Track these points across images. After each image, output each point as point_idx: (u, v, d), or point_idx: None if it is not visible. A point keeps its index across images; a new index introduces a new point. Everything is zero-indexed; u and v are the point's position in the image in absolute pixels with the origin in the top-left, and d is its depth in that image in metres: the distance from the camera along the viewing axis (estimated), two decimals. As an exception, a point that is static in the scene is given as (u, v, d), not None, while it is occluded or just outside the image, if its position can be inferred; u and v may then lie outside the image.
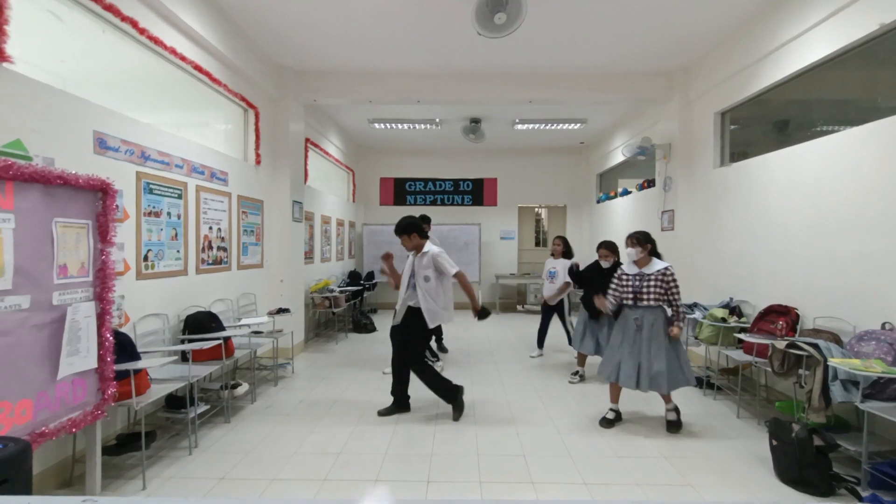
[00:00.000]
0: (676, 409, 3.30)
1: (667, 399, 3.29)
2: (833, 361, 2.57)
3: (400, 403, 3.55)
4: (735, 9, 3.89)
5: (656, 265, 3.21)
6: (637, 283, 3.22)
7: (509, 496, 2.40)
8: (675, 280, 3.18)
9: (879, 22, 2.90)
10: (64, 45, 2.73)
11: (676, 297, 3.18)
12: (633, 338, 3.20)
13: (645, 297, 3.18)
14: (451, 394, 3.47)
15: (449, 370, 4.76)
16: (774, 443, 2.63)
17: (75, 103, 2.60)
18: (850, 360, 2.60)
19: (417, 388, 3.50)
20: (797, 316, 3.43)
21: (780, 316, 3.49)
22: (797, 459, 2.47)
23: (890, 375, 2.40)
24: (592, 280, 4.20)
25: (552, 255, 5.24)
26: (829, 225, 3.26)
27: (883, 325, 2.77)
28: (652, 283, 3.17)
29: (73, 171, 2.11)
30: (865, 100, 3.35)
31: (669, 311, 3.22)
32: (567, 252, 5.13)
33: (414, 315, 3.48)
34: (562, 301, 5.09)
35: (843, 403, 2.55)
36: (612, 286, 3.37)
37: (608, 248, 4.12)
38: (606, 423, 3.32)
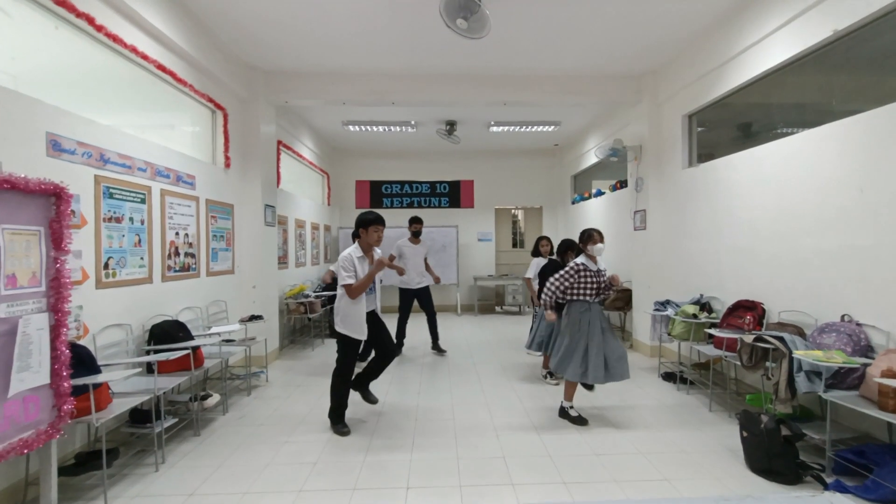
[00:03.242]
0: None
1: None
2: (798, 353, 2.67)
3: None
4: (701, 15, 4.02)
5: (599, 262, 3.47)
6: (601, 277, 3.38)
7: (490, 499, 2.38)
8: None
9: (833, 28, 3.05)
10: (14, 42, 2.57)
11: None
12: (599, 332, 3.28)
13: (602, 290, 3.38)
14: (335, 413, 3.30)
15: (427, 372, 4.73)
16: (745, 434, 2.71)
17: (25, 103, 2.45)
18: (812, 351, 2.70)
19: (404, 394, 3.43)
20: (763, 311, 3.56)
21: (748, 311, 3.61)
22: (766, 450, 2.55)
23: (850, 366, 2.50)
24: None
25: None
26: (791, 222, 3.38)
27: (842, 318, 2.89)
28: (603, 277, 3.40)
29: (23, 175, 1.98)
30: (821, 103, 3.50)
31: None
32: (535, 251, 5.06)
33: (374, 320, 3.43)
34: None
35: (807, 393, 2.65)
36: (565, 282, 3.30)
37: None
38: (581, 420, 3.34)
